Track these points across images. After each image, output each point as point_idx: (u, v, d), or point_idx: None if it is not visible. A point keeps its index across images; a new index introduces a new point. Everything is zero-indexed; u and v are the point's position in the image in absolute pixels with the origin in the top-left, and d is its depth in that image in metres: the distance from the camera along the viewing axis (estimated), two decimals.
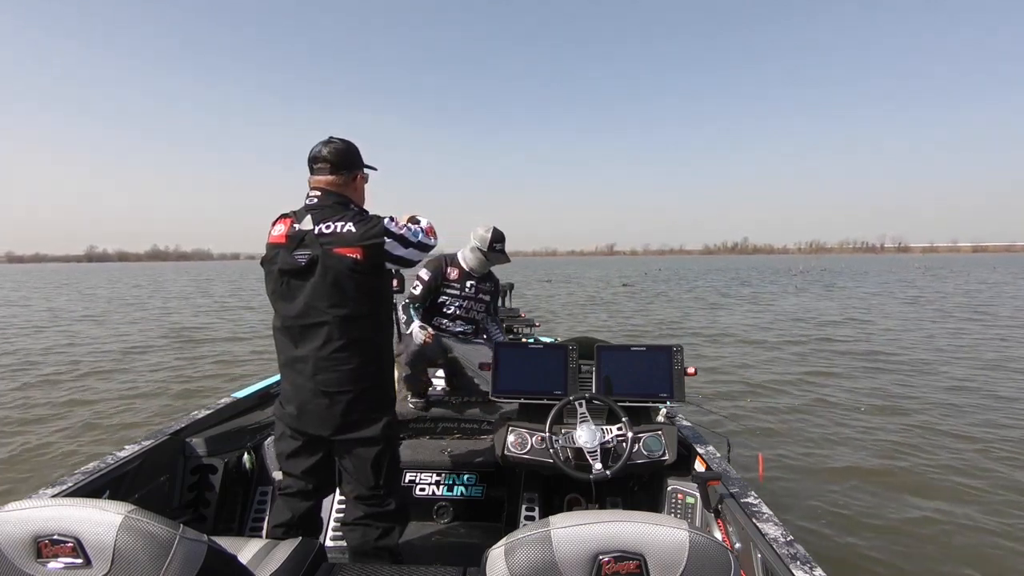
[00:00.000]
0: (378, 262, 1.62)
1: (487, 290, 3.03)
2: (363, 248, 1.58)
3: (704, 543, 0.82)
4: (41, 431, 4.92)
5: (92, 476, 1.74)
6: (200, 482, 2.20)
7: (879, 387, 6.13)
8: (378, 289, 1.69)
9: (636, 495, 2.31)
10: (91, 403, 5.86)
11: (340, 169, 1.68)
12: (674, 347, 2.17)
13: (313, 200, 1.66)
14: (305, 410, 1.66)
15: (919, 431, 4.63)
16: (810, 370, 7.03)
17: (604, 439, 1.92)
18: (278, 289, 1.67)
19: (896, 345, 8.79)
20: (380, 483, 1.72)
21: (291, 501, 1.78)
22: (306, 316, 1.62)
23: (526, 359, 2.24)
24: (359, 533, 1.74)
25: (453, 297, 2.92)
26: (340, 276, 1.58)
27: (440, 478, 2.43)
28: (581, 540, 0.81)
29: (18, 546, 0.86)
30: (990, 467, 3.86)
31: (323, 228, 1.60)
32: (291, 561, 1.47)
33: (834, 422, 4.92)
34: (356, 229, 1.59)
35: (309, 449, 1.74)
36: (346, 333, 1.62)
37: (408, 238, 1.66)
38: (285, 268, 1.62)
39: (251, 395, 2.78)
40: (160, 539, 0.87)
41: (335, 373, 1.62)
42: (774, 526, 1.49)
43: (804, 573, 1.26)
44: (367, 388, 1.67)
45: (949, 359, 7.64)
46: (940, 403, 5.45)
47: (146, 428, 4.88)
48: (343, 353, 1.62)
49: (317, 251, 1.58)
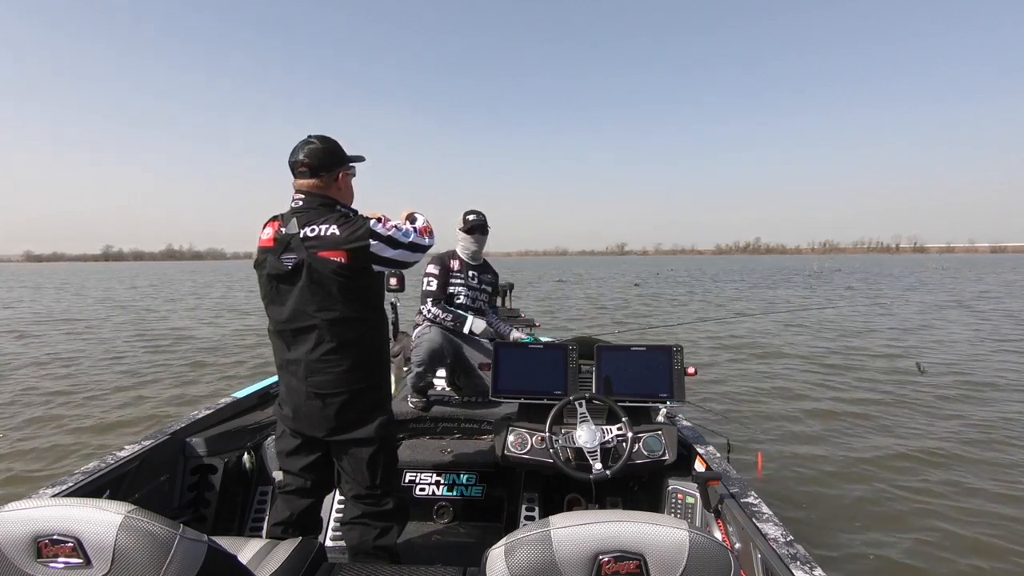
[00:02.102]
0: (365, 265, 1.60)
1: (488, 281, 3.08)
2: (347, 251, 1.56)
3: (704, 543, 0.82)
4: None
5: (92, 476, 1.74)
6: (200, 482, 2.20)
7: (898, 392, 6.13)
8: (367, 291, 1.68)
9: (636, 495, 2.31)
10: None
11: (320, 171, 1.65)
12: (674, 347, 2.17)
13: (298, 203, 1.65)
14: (300, 412, 1.67)
15: (921, 430, 4.64)
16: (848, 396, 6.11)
17: (604, 439, 1.92)
18: (268, 293, 1.67)
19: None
20: (377, 483, 1.73)
21: (290, 499, 1.79)
22: (296, 320, 1.61)
23: (526, 359, 2.23)
24: (357, 532, 1.75)
25: (460, 286, 2.95)
26: (326, 280, 1.57)
27: (440, 478, 2.43)
28: (581, 540, 0.81)
29: (18, 546, 0.86)
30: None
31: (308, 231, 1.58)
32: (291, 561, 1.47)
33: (838, 427, 4.92)
34: (340, 232, 1.57)
35: (307, 448, 1.75)
36: (336, 336, 1.61)
37: (397, 239, 1.63)
38: (273, 273, 1.62)
39: (251, 395, 2.78)
40: (160, 539, 0.87)
41: (327, 376, 1.62)
42: (774, 526, 1.49)
43: (804, 573, 1.26)
44: (360, 390, 1.67)
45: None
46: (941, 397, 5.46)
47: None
48: (334, 356, 1.62)
49: (303, 255, 1.57)
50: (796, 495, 3.47)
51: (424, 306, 2.86)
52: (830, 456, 4.12)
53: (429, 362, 2.70)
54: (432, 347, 2.68)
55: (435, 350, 2.68)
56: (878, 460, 4.03)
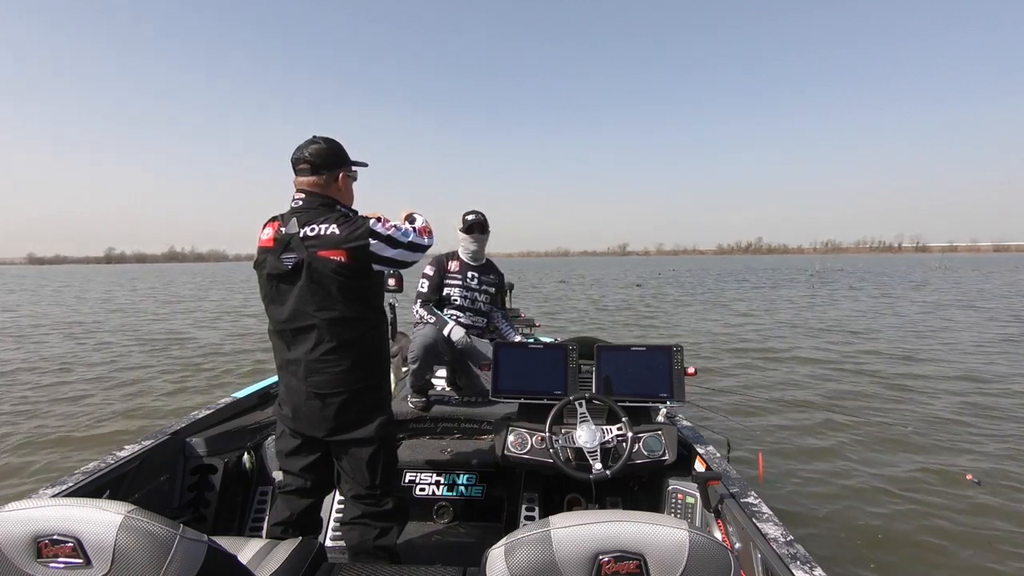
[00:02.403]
0: (364, 264, 1.60)
1: (491, 282, 3.06)
2: (347, 251, 1.56)
3: (704, 543, 0.82)
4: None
5: (92, 476, 1.74)
6: (200, 482, 2.21)
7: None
8: (367, 291, 1.68)
9: (636, 495, 2.31)
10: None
11: (321, 169, 1.66)
12: (674, 347, 2.17)
13: (298, 202, 1.65)
14: (299, 412, 1.67)
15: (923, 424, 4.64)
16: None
17: (604, 439, 1.92)
18: (268, 293, 1.67)
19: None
20: (377, 483, 1.73)
21: (290, 499, 1.79)
22: (295, 320, 1.62)
23: (526, 359, 2.24)
24: (357, 532, 1.75)
25: (455, 287, 2.96)
26: (326, 279, 1.57)
27: (440, 478, 2.43)
28: (581, 540, 0.81)
29: (18, 546, 0.86)
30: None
31: (308, 231, 1.58)
32: (291, 561, 1.47)
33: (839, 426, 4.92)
34: (340, 231, 1.57)
35: (307, 448, 1.75)
36: (336, 336, 1.61)
37: (397, 239, 1.63)
38: (273, 272, 1.62)
39: (251, 395, 2.78)
40: (160, 539, 0.87)
41: (326, 376, 1.62)
42: (774, 526, 1.49)
43: (804, 573, 1.26)
44: (360, 389, 1.67)
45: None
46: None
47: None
48: (333, 355, 1.62)
49: (303, 254, 1.57)
50: (797, 495, 3.47)
51: (414, 306, 2.93)
52: (832, 457, 4.12)
53: (424, 357, 2.71)
54: (425, 342, 2.69)
55: (428, 345, 2.70)
56: (879, 461, 4.03)
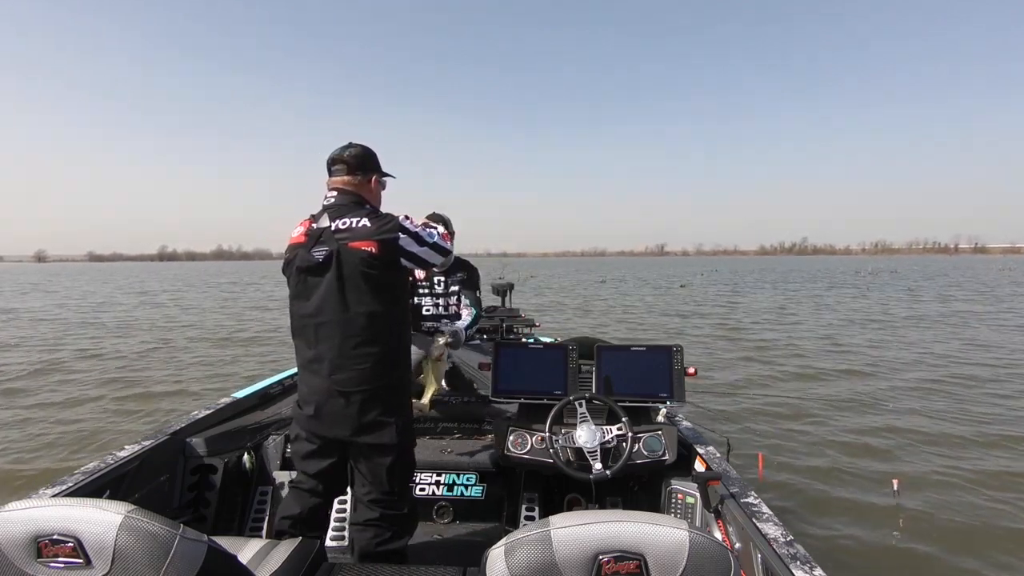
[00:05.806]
0: (393, 257, 1.63)
1: (458, 279, 2.98)
2: (378, 242, 1.60)
3: (704, 543, 0.82)
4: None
5: (92, 476, 1.74)
6: (200, 482, 2.20)
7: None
8: (393, 286, 1.70)
9: (636, 495, 2.31)
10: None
11: (357, 171, 1.73)
12: (674, 347, 2.17)
13: (330, 200, 1.71)
14: (322, 411, 1.67)
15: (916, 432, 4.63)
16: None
17: (604, 439, 1.92)
18: (295, 288, 1.70)
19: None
20: (395, 488, 1.73)
21: (302, 496, 1.79)
22: (320, 314, 1.63)
23: (526, 359, 2.24)
24: (371, 533, 1.74)
25: (425, 296, 2.92)
26: (354, 272, 1.60)
27: (440, 478, 2.43)
28: (581, 540, 0.81)
29: (18, 546, 0.86)
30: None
31: (339, 224, 1.63)
32: (291, 561, 1.47)
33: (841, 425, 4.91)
34: (371, 224, 1.63)
35: (324, 452, 1.75)
36: (362, 330, 1.62)
37: (424, 237, 1.69)
38: (302, 265, 1.65)
39: (251, 395, 2.78)
40: (160, 539, 0.87)
41: (352, 372, 1.63)
42: (774, 526, 1.49)
43: (804, 573, 1.26)
44: (381, 387, 1.67)
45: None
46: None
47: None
48: (358, 351, 1.63)
49: (333, 246, 1.61)
50: (797, 495, 3.47)
51: None
52: (833, 457, 4.12)
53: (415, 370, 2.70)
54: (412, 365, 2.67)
55: (415, 366, 2.68)
56: (880, 462, 4.03)
